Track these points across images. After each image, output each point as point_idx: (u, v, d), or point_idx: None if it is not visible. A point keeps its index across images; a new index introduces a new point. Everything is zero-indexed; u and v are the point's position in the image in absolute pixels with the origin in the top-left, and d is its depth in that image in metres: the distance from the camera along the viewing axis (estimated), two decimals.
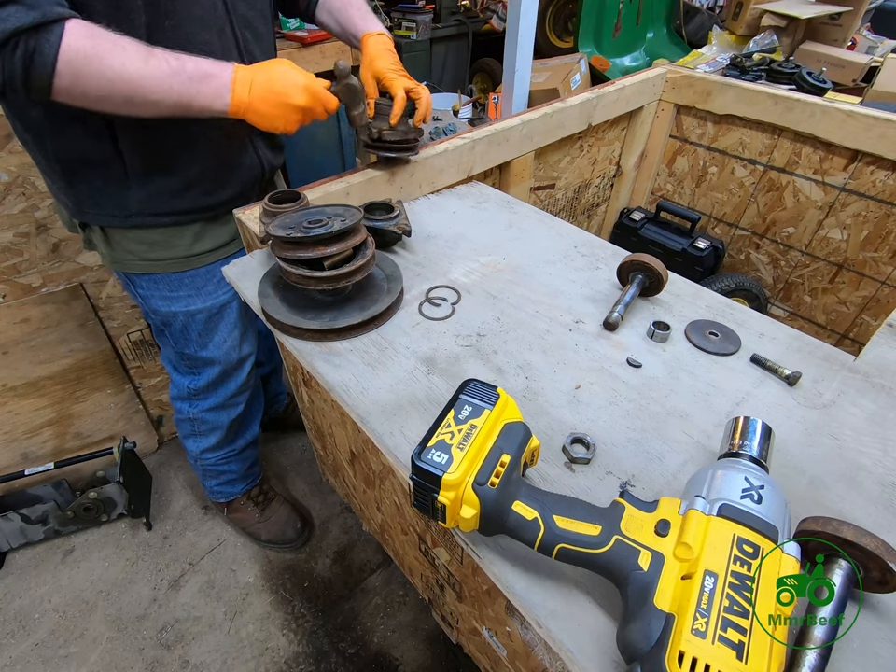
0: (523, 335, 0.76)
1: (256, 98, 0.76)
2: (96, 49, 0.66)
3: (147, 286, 1.02)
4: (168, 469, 1.72)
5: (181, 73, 0.71)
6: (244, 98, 0.76)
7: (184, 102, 0.73)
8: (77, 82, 0.66)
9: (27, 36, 0.62)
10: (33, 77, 0.64)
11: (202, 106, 0.75)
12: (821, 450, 0.61)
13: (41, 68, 0.64)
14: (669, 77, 1.59)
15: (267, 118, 0.79)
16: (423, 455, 0.46)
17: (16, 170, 1.17)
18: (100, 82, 0.67)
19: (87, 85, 0.67)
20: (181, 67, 0.72)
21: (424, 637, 1.33)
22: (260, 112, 0.78)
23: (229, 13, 0.84)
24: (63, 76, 0.65)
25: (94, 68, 0.66)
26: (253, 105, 0.77)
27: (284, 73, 0.78)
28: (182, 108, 0.74)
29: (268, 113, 0.78)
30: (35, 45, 0.62)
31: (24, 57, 0.62)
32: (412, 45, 2.88)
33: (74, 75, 0.65)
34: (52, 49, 0.63)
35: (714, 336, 0.75)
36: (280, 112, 0.79)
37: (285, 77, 0.78)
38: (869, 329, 1.53)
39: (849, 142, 1.34)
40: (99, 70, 0.66)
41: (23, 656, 1.29)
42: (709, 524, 0.42)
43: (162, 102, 0.72)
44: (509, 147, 1.24)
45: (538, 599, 0.48)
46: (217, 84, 0.74)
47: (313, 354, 0.72)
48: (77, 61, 0.65)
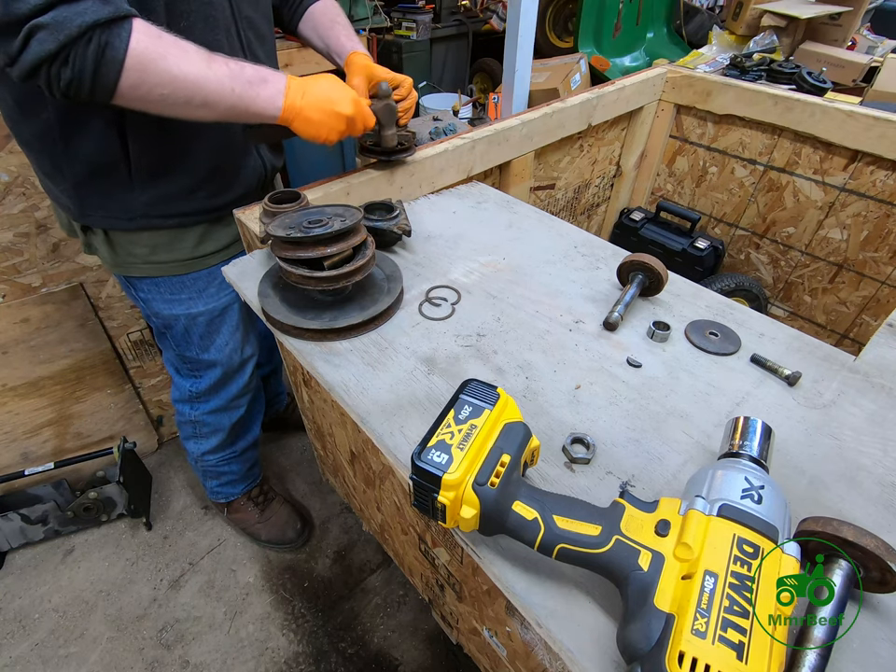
0: (523, 335, 0.76)
1: (308, 105, 0.78)
2: (161, 49, 0.65)
3: (147, 289, 1.02)
4: (168, 469, 1.72)
5: (241, 76, 0.72)
6: (296, 104, 0.77)
7: (241, 105, 0.74)
8: (142, 81, 0.65)
9: (101, 31, 0.61)
10: (101, 73, 0.63)
11: (256, 110, 0.76)
12: (821, 450, 0.61)
13: (111, 64, 0.63)
14: (669, 77, 1.59)
15: (314, 125, 0.80)
16: (423, 455, 0.46)
17: (16, 170, 1.17)
18: (163, 81, 0.67)
19: (151, 83, 0.66)
20: (241, 71, 0.73)
21: (424, 636, 1.33)
22: (310, 119, 0.79)
23: (234, 14, 0.85)
24: (129, 73, 0.64)
25: (160, 67, 0.65)
26: (304, 111, 0.78)
27: (334, 84, 0.82)
28: (237, 112, 0.75)
29: (316, 120, 0.80)
30: (107, 40, 0.61)
31: (97, 51, 0.61)
32: (412, 45, 2.88)
33: (140, 72, 0.65)
34: (123, 44, 0.62)
35: (714, 336, 0.75)
36: (328, 120, 0.80)
37: (335, 87, 0.82)
38: (869, 329, 1.53)
39: (849, 142, 1.34)
40: (164, 69, 0.66)
41: (23, 656, 1.29)
42: (709, 524, 0.42)
43: (221, 104, 0.72)
44: (509, 147, 1.24)
45: (538, 599, 0.48)
46: (273, 90, 0.76)
47: (313, 354, 0.72)
48: (144, 59, 0.64)
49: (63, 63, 0.61)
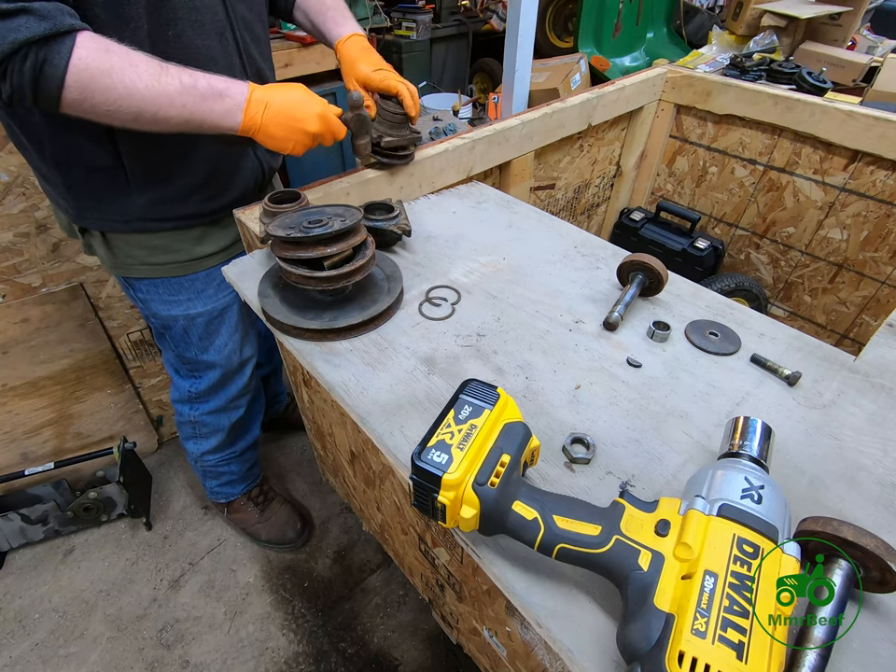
0: (523, 335, 0.76)
1: (269, 120, 0.76)
2: (107, 64, 0.65)
3: (146, 289, 1.02)
4: (168, 469, 1.72)
5: (193, 91, 0.71)
6: (256, 119, 0.76)
7: (195, 120, 0.73)
8: (85, 96, 0.65)
9: (38, 47, 0.61)
10: (41, 88, 0.63)
11: (212, 124, 0.74)
12: (821, 450, 0.61)
13: (50, 80, 0.63)
14: (669, 77, 1.59)
15: (277, 140, 0.79)
16: (423, 454, 0.46)
17: (16, 170, 1.17)
18: (109, 97, 0.66)
19: (96, 100, 0.66)
20: (193, 85, 0.71)
21: (424, 636, 1.33)
22: (272, 134, 0.78)
23: (229, 16, 0.84)
24: (71, 89, 0.64)
25: (104, 83, 0.65)
26: (265, 126, 0.77)
27: (300, 99, 0.79)
28: (192, 126, 0.74)
29: (279, 136, 0.78)
30: (45, 56, 0.61)
31: (34, 68, 0.61)
32: (412, 45, 2.88)
33: (83, 88, 0.64)
34: (63, 60, 0.62)
35: (714, 336, 0.75)
36: (291, 136, 0.79)
37: (301, 103, 0.79)
38: (869, 329, 1.53)
39: (849, 142, 1.34)
40: (109, 85, 0.65)
41: (23, 656, 1.29)
42: (709, 524, 0.42)
43: (172, 119, 0.71)
44: (509, 147, 1.24)
45: (538, 599, 0.48)
46: (230, 104, 0.74)
47: (313, 354, 0.72)
48: (87, 75, 0.64)
49: (0, 78, 0.61)
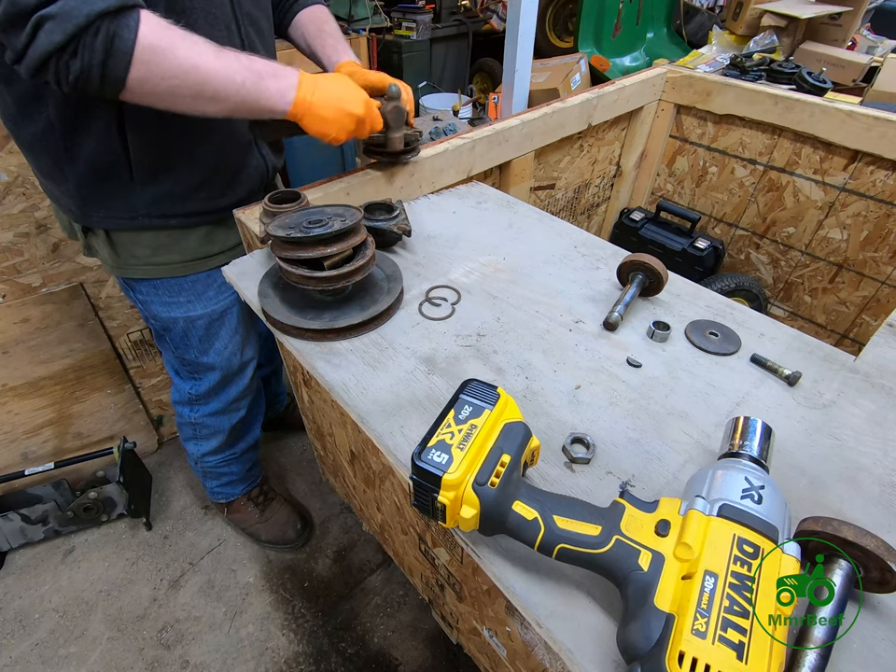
0: (523, 335, 0.76)
1: (318, 101, 0.77)
2: (169, 40, 0.64)
3: (146, 291, 1.01)
4: (168, 469, 1.72)
5: (251, 69, 0.71)
6: (307, 99, 0.76)
7: (251, 99, 0.72)
8: (150, 73, 0.64)
9: (109, 20, 0.59)
10: (110, 65, 0.61)
11: (267, 104, 0.74)
12: (821, 450, 0.61)
13: (120, 56, 0.61)
14: (669, 77, 1.59)
15: (324, 122, 0.79)
16: (423, 455, 0.46)
17: (16, 170, 1.17)
18: (173, 73, 0.65)
19: (160, 76, 0.65)
20: (251, 64, 0.71)
21: (424, 636, 1.33)
22: (319, 115, 0.78)
23: (235, 10, 0.85)
24: (138, 66, 0.62)
25: (168, 58, 0.64)
26: (314, 106, 0.77)
27: (346, 84, 0.81)
28: (247, 106, 0.73)
29: (326, 117, 0.79)
30: (115, 30, 0.59)
31: (105, 42, 0.59)
32: (412, 45, 2.89)
33: (149, 63, 0.63)
34: (132, 34, 0.60)
35: (714, 336, 0.75)
36: (338, 118, 0.79)
37: (348, 87, 0.81)
38: (869, 329, 1.53)
39: (849, 142, 1.34)
40: (173, 61, 0.64)
41: (23, 656, 1.29)
42: (709, 524, 0.42)
43: (230, 97, 0.71)
44: (509, 147, 1.24)
45: (538, 599, 0.48)
46: (284, 84, 0.74)
47: (313, 354, 0.72)
48: (153, 49, 0.62)
49: (71, 55, 0.60)
